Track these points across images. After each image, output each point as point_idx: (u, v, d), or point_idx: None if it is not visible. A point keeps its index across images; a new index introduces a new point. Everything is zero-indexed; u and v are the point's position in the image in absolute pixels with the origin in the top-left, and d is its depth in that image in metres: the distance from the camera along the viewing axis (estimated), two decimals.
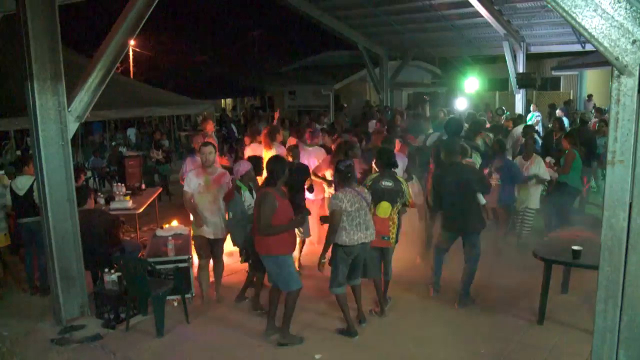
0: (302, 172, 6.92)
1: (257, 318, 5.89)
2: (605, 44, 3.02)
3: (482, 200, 5.99)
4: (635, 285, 3.19)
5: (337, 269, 5.36)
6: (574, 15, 3.06)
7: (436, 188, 6.12)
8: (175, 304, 6.21)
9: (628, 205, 3.14)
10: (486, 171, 7.33)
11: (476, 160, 7.38)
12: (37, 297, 6.76)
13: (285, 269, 5.23)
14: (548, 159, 8.65)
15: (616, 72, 3.05)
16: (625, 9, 2.92)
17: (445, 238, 6.19)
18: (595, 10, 2.99)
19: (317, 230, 7.44)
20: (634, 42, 2.94)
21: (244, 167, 6.16)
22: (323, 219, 5.60)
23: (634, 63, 2.97)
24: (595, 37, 3.04)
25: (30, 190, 6.61)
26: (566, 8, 3.06)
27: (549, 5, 3.14)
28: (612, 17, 2.95)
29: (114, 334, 5.72)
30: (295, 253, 6.08)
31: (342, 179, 5.34)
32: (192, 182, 6.19)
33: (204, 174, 6.21)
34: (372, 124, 12.29)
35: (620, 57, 2.99)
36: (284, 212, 5.19)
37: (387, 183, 5.62)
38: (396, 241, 5.91)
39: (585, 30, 3.05)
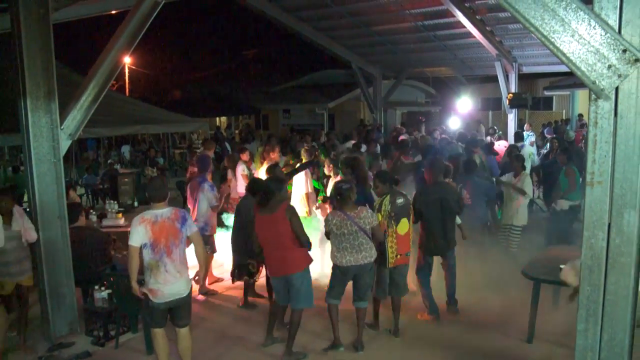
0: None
1: (251, 333, 5.90)
2: (583, 68, 3.10)
3: (459, 220, 6.09)
4: (615, 304, 3.24)
5: (332, 285, 5.47)
6: (552, 40, 3.15)
7: (416, 206, 6.06)
8: None
9: (607, 225, 3.20)
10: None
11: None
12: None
13: (311, 280, 5.33)
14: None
15: (593, 96, 3.13)
16: (601, 35, 3.01)
17: (425, 259, 6.25)
18: (572, 36, 3.08)
19: None
20: (609, 67, 3.02)
21: None
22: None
23: (610, 87, 3.05)
24: (573, 61, 3.12)
25: None
26: (545, 33, 3.15)
27: (530, 30, 3.22)
28: (589, 42, 3.04)
29: (104, 351, 5.70)
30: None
31: (336, 200, 5.37)
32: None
33: None
34: (350, 144, 12.25)
35: (597, 81, 3.07)
36: None
37: (399, 200, 5.61)
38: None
39: (564, 54, 3.14)
